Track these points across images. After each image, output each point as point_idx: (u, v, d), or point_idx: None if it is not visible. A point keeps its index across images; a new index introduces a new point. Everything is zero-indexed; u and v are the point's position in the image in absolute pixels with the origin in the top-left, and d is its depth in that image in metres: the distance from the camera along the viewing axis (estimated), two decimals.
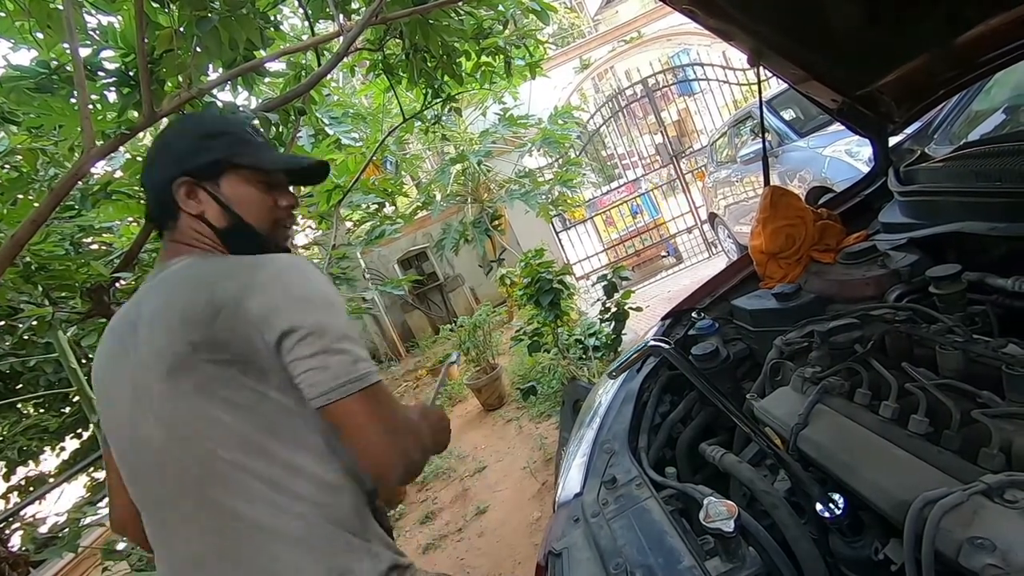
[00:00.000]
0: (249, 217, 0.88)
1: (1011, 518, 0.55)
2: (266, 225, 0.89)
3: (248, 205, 0.88)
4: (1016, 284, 0.93)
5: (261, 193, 0.89)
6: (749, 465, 0.93)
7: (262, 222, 0.89)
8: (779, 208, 1.40)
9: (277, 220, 0.91)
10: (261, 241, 0.89)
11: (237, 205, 0.87)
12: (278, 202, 0.91)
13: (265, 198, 0.89)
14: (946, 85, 1.26)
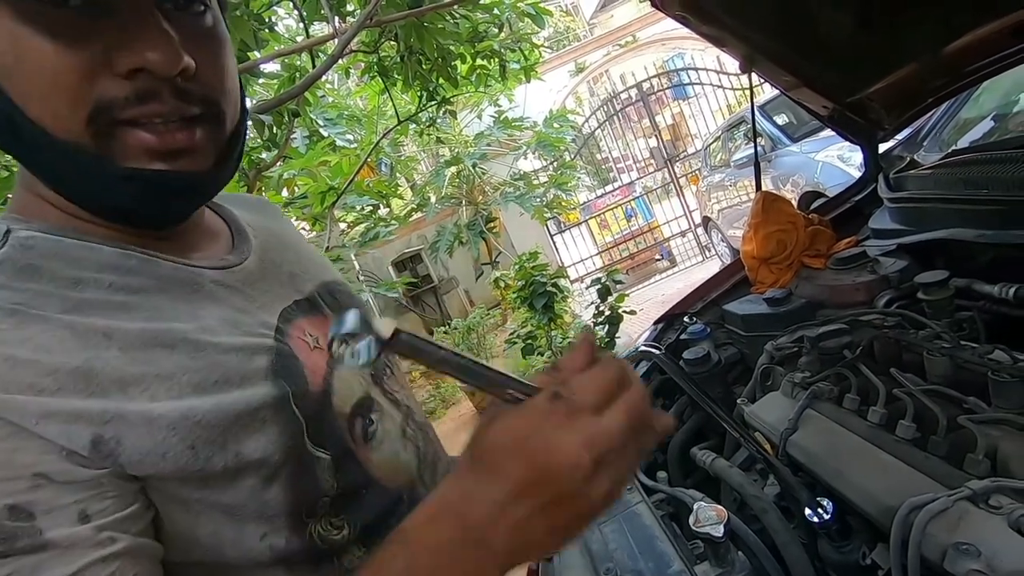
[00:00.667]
0: (30, 101, 0.39)
1: (995, 524, 0.56)
2: (70, 120, 0.39)
3: (18, 73, 0.39)
4: (1003, 291, 0.94)
5: (39, 40, 0.38)
6: (739, 470, 0.94)
7: (60, 115, 0.39)
8: (771, 213, 1.41)
9: (100, 108, 0.40)
10: (71, 162, 0.41)
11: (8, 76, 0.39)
12: (113, 59, 0.39)
13: (58, 53, 0.38)
14: (935, 93, 1.27)
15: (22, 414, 0.35)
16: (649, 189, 8.28)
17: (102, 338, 0.39)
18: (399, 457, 0.57)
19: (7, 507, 0.32)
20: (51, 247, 0.42)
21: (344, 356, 0.32)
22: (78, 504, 0.35)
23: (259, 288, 0.53)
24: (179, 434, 0.39)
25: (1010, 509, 0.56)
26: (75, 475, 0.35)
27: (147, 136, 0.41)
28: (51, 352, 0.37)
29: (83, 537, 0.34)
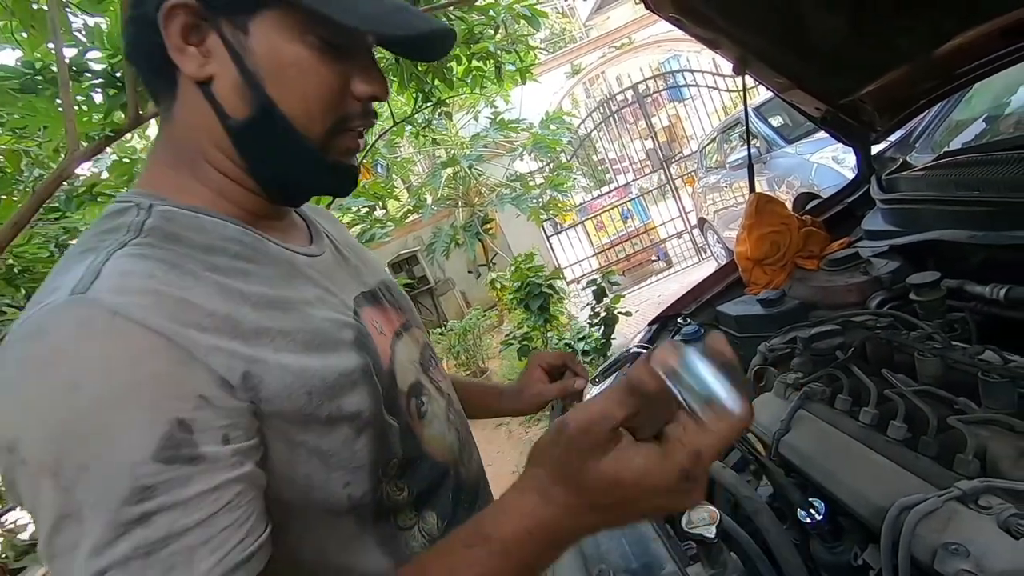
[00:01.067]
0: (290, 105, 0.49)
1: (985, 524, 0.56)
2: (320, 125, 0.51)
3: (292, 80, 0.48)
4: (994, 292, 0.94)
5: (322, 63, 0.49)
6: (732, 471, 0.94)
7: (314, 119, 0.50)
8: (764, 215, 1.41)
9: (343, 118, 0.52)
10: (304, 153, 0.51)
11: (271, 76, 0.48)
12: (352, 85, 0.51)
13: (329, 73, 0.49)
14: (927, 95, 1.28)
15: (194, 345, 0.40)
16: (645, 190, 8.30)
17: (238, 295, 0.46)
18: (445, 437, 0.64)
19: (177, 420, 0.38)
20: (188, 220, 0.49)
21: None
22: (223, 428, 0.40)
23: (335, 277, 0.60)
24: (300, 381, 0.46)
25: (999, 509, 0.56)
26: (226, 402, 0.41)
27: (353, 141, 0.54)
28: (206, 300, 0.43)
29: (224, 456, 0.40)
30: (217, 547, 0.38)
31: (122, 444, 0.37)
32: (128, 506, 0.36)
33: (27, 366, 0.38)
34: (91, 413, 0.36)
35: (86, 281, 0.40)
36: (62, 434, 0.36)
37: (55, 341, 0.38)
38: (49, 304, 0.39)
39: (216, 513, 0.39)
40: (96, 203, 2.39)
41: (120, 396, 0.37)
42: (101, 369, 0.37)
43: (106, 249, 0.43)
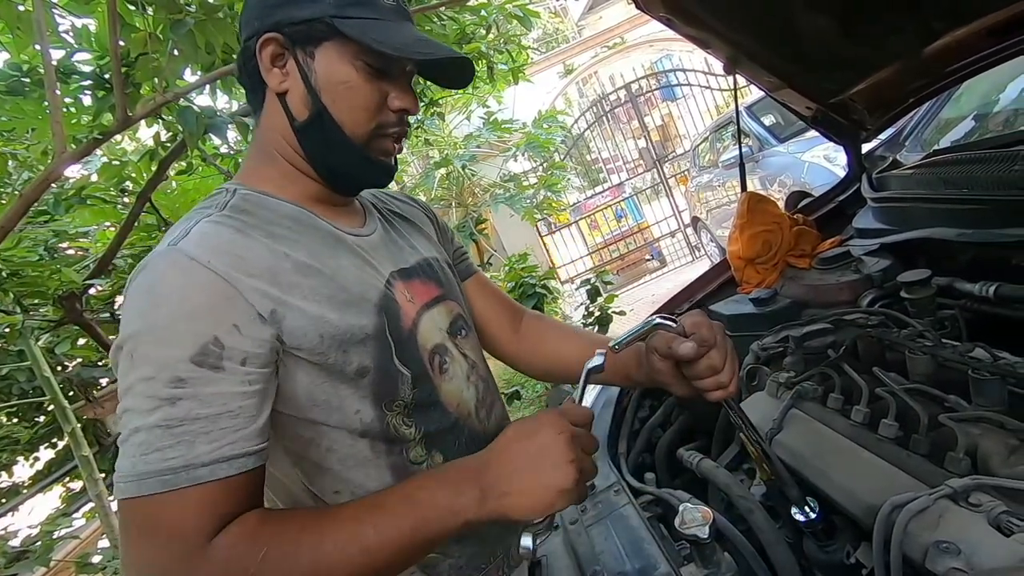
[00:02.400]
0: (340, 112, 0.66)
1: (976, 522, 0.56)
2: (362, 129, 0.67)
3: (343, 95, 0.65)
4: (983, 289, 0.95)
5: (366, 81, 0.66)
6: (726, 470, 0.94)
7: (357, 124, 0.67)
8: (756, 214, 1.41)
9: (381, 124, 0.68)
10: (349, 149, 0.67)
11: (327, 92, 0.65)
12: (389, 100, 0.68)
13: (370, 90, 0.66)
14: (916, 94, 1.29)
15: (241, 284, 0.56)
16: (639, 190, 8.31)
17: (283, 256, 0.62)
18: (462, 393, 0.75)
19: (214, 336, 0.53)
20: (258, 200, 0.67)
21: None
22: (245, 352, 0.55)
23: (378, 254, 0.73)
24: (315, 327, 0.60)
25: (990, 507, 0.56)
26: (253, 333, 0.56)
27: (390, 145, 0.71)
28: (256, 256, 0.59)
29: (239, 372, 0.54)
30: (214, 440, 0.52)
31: (173, 343, 0.52)
32: (166, 387, 0.51)
33: (136, 285, 0.56)
34: (160, 318, 0.53)
35: (178, 237, 0.58)
36: (140, 329, 0.53)
37: (153, 271, 0.56)
38: (156, 251, 0.58)
39: (221, 414, 0.53)
40: (85, 205, 2.37)
41: (180, 308, 0.53)
42: (173, 292, 0.54)
43: (197, 218, 0.61)
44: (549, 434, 0.55)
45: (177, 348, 0.52)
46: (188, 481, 0.50)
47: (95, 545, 3.06)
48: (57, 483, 3.73)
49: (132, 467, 0.51)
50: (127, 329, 0.54)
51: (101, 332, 1.97)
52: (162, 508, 0.50)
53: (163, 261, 0.56)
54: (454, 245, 0.94)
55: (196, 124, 1.54)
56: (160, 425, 0.51)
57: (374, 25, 0.64)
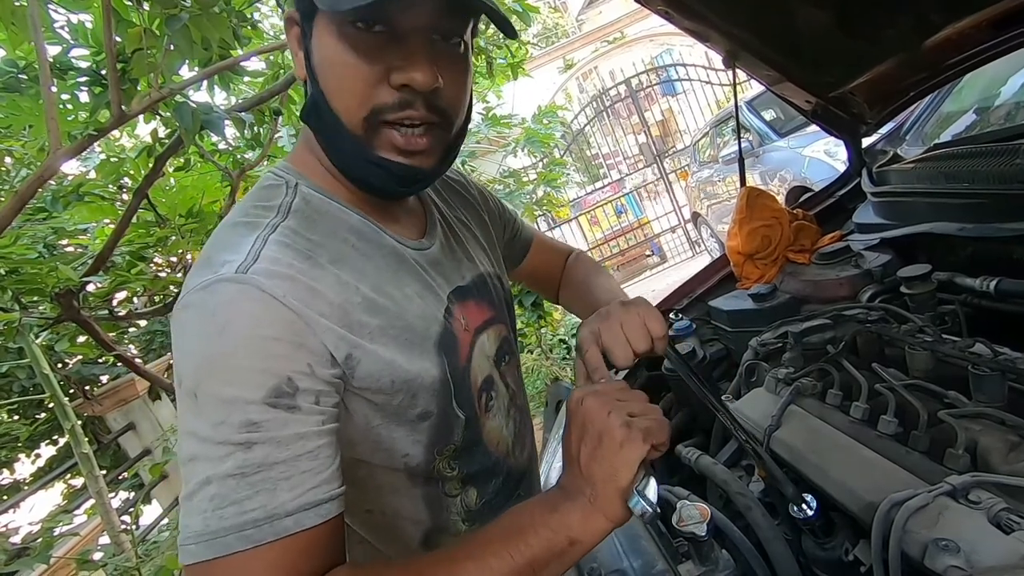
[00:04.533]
0: (333, 96, 0.56)
1: (975, 519, 0.56)
2: (355, 116, 0.55)
3: (334, 75, 0.55)
4: (984, 284, 0.94)
5: (357, 54, 0.53)
6: (724, 467, 0.93)
7: (349, 110, 0.55)
8: (755, 209, 1.40)
9: (377, 108, 0.54)
10: (350, 145, 0.57)
11: (320, 71, 0.56)
12: (388, 76, 0.53)
13: (362, 64, 0.53)
14: (916, 87, 1.28)
15: (315, 327, 0.51)
16: (639, 185, 8.29)
17: (353, 289, 0.56)
18: (502, 431, 0.72)
19: (288, 377, 0.48)
20: (321, 205, 0.60)
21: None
22: (318, 392, 0.50)
23: (437, 270, 0.67)
24: (388, 371, 0.56)
25: (990, 504, 0.56)
26: (324, 374, 0.51)
27: (397, 137, 0.56)
28: (328, 291, 0.53)
29: (314, 412, 0.50)
30: (296, 485, 0.47)
31: (245, 384, 0.47)
32: (239, 432, 0.46)
33: (198, 314, 0.49)
34: (227, 354, 0.47)
35: (248, 263, 0.50)
36: (205, 366, 0.47)
37: (220, 300, 0.48)
38: (222, 274, 0.49)
39: (300, 456, 0.48)
40: (83, 203, 2.36)
41: (251, 345, 0.48)
42: (242, 322, 0.48)
43: (263, 231, 0.54)
44: (598, 418, 0.52)
45: (250, 389, 0.47)
46: (273, 535, 0.45)
47: (95, 542, 3.06)
48: (58, 480, 3.73)
49: (204, 525, 0.45)
50: (188, 361, 0.48)
51: (99, 329, 1.97)
52: (243, 569, 0.45)
53: (233, 289, 0.49)
54: (504, 220, 0.90)
55: (192, 120, 1.53)
56: (235, 474, 0.45)
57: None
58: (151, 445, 3.74)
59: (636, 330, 0.66)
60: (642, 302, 0.72)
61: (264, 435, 0.46)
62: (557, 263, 1.00)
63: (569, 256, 1.02)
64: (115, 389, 3.75)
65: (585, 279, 0.95)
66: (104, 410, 3.74)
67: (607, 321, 0.67)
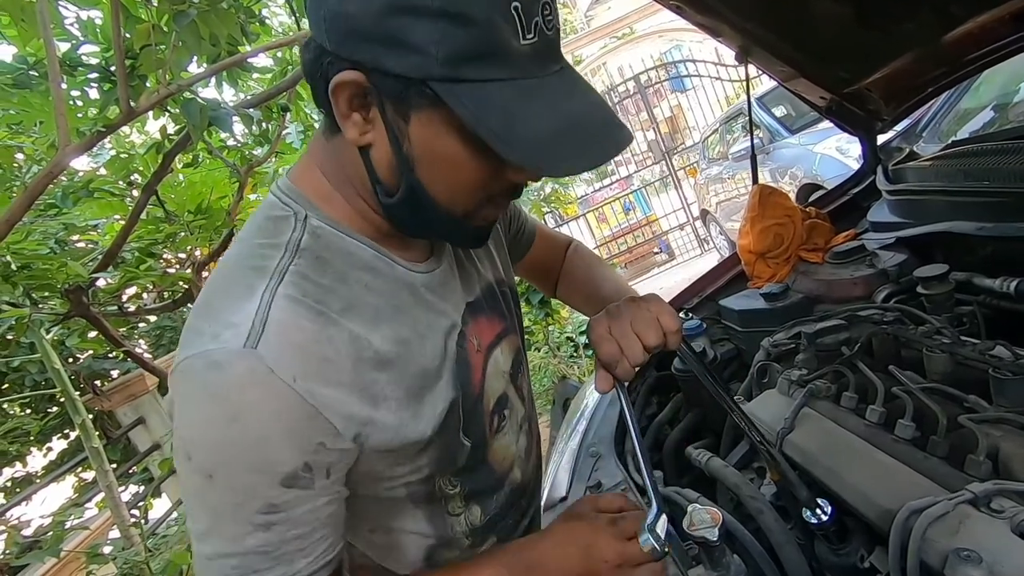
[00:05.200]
0: (438, 189, 0.51)
1: (997, 528, 0.54)
2: (464, 206, 0.54)
3: (444, 172, 0.51)
4: (1004, 284, 0.92)
5: (474, 157, 0.49)
6: (735, 470, 0.92)
7: (456, 202, 0.53)
8: (767, 207, 1.38)
9: (489, 196, 0.54)
10: (443, 221, 0.54)
11: (422, 163, 0.50)
12: (505, 171, 0.51)
13: (482, 164, 0.50)
14: (934, 83, 1.25)
15: (323, 403, 0.49)
16: (647, 182, 8.24)
17: (365, 344, 0.53)
18: (511, 448, 0.71)
19: (304, 463, 0.49)
20: (332, 240, 0.55)
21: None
22: (329, 464, 0.51)
23: (447, 289, 0.64)
24: (397, 435, 0.55)
25: (1012, 513, 0.54)
26: (336, 445, 0.51)
27: (495, 212, 0.58)
28: (339, 355, 0.51)
29: (327, 485, 0.51)
30: (310, 552, 0.51)
31: (261, 472, 0.48)
32: (258, 514, 0.48)
33: (206, 392, 0.47)
34: (243, 444, 0.47)
35: (256, 331, 0.47)
36: (220, 452, 0.47)
37: (228, 380, 0.47)
38: (228, 346, 0.47)
39: (314, 528, 0.51)
40: (93, 199, 2.38)
41: (264, 438, 0.47)
42: (255, 414, 0.47)
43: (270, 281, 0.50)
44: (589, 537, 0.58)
45: (266, 475, 0.48)
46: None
47: (105, 536, 3.09)
48: (69, 473, 3.77)
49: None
50: (198, 442, 0.48)
51: (108, 325, 1.98)
52: None
53: (241, 369, 0.46)
54: (510, 215, 0.88)
55: (200, 117, 1.53)
56: (257, 551, 0.48)
57: (499, 92, 0.45)
58: (160, 440, 3.76)
59: (648, 325, 0.66)
60: (654, 298, 0.71)
61: (282, 515, 0.49)
62: (557, 255, 0.98)
63: (568, 248, 0.99)
64: (125, 384, 3.78)
65: (588, 273, 0.93)
66: (114, 405, 3.78)
67: (619, 318, 0.67)
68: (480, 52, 0.44)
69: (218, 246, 2.30)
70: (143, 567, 2.04)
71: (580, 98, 0.50)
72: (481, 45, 0.44)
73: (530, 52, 0.46)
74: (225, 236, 2.27)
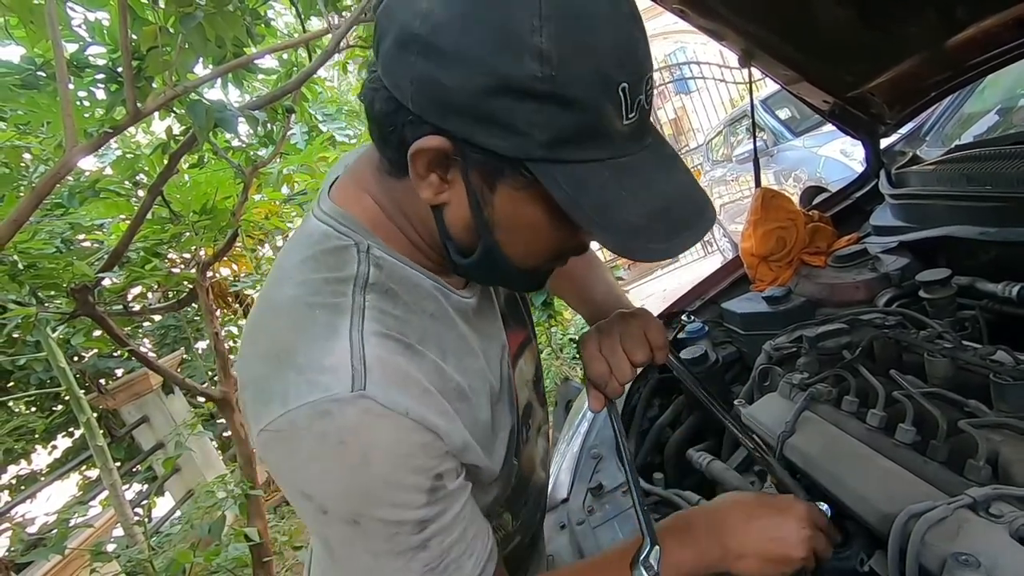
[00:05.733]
0: (514, 251, 0.52)
1: (996, 533, 0.54)
2: (537, 263, 0.55)
3: (523, 237, 0.51)
4: (1006, 289, 0.92)
5: (555, 226, 0.49)
6: (736, 472, 0.92)
7: (529, 261, 0.54)
8: (770, 210, 1.39)
9: (559, 256, 0.56)
10: (509, 278, 0.57)
11: (503, 227, 0.50)
12: (578, 235, 0.53)
13: (558, 234, 0.51)
14: (938, 87, 1.25)
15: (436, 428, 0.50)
16: None
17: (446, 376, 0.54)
18: (534, 452, 0.73)
19: (436, 474, 0.50)
20: (396, 271, 0.54)
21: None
22: (455, 468, 0.53)
23: (489, 312, 0.65)
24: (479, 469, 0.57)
25: (1012, 518, 0.54)
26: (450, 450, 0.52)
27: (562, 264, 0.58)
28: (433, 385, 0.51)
29: (460, 485, 0.53)
30: (473, 552, 0.53)
31: (404, 499, 0.48)
32: (412, 537, 0.49)
33: (324, 444, 0.46)
34: (378, 483, 0.47)
35: (359, 374, 0.47)
36: (359, 498, 0.48)
37: (345, 426, 0.46)
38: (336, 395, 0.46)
39: (466, 528, 0.52)
40: (99, 199, 2.39)
41: (397, 467, 0.48)
42: (381, 451, 0.47)
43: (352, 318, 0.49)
44: (793, 525, 0.60)
45: (412, 500, 0.48)
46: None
47: (109, 534, 3.11)
48: (74, 471, 3.79)
49: None
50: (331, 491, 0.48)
51: (113, 324, 1.99)
52: None
53: (353, 410, 0.46)
54: None
55: (206, 118, 1.54)
56: (425, 572, 0.50)
57: (597, 174, 0.45)
58: (164, 439, 3.78)
59: (636, 342, 0.68)
60: (642, 313, 0.73)
61: (435, 528, 0.50)
62: None
63: None
64: (129, 383, 3.80)
65: (584, 272, 0.93)
66: (118, 403, 3.80)
67: (608, 336, 0.69)
68: (583, 135, 0.44)
69: (223, 246, 2.31)
70: (146, 565, 2.05)
71: (672, 176, 0.50)
72: (585, 129, 0.43)
73: (629, 131, 0.46)
74: (229, 236, 2.28)
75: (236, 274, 3.75)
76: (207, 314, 2.35)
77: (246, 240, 2.64)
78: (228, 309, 3.96)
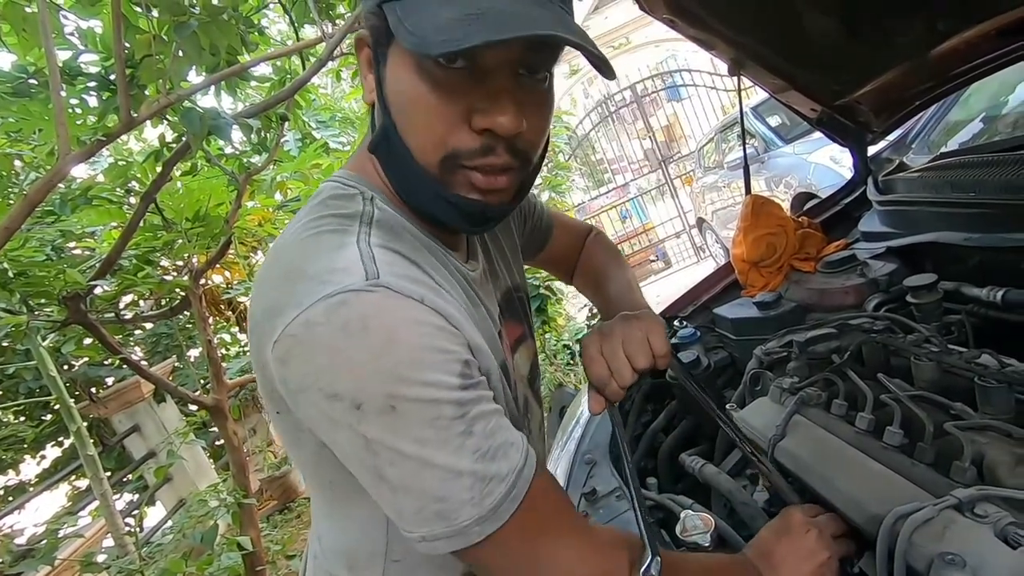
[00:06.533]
0: (408, 132, 0.52)
1: (982, 533, 0.55)
2: (431, 156, 0.51)
3: (409, 111, 0.51)
4: (990, 294, 0.93)
5: (435, 92, 0.49)
6: (728, 476, 0.93)
7: (424, 150, 0.51)
8: (760, 217, 1.40)
9: (456, 152, 0.51)
10: (422, 182, 0.53)
11: (394, 104, 0.52)
12: (470, 117, 0.50)
13: (441, 104, 0.49)
14: (923, 96, 1.27)
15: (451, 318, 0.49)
16: (644, 190, 8.29)
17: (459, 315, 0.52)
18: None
19: (463, 360, 0.48)
20: (398, 220, 0.55)
21: None
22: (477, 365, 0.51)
23: (487, 290, 0.65)
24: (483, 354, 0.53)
25: (996, 518, 0.55)
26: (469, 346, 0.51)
27: (478, 178, 0.53)
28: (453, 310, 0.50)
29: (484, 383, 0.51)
30: (512, 443, 0.50)
31: (436, 378, 0.46)
32: (455, 421, 0.46)
33: (345, 332, 0.44)
34: (408, 359, 0.45)
35: (371, 270, 0.47)
36: (390, 379, 0.44)
37: (365, 310, 0.45)
38: (350, 285, 0.45)
39: (501, 420, 0.50)
40: (91, 206, 2.38)
41: (424, 346, 0.46)
42: (406, 328, 0.46)
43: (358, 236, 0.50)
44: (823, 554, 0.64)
45: (443, 385, 0.46)
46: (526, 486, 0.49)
47: (99, 544, 3.07)
48: (64, 481, 3.75)
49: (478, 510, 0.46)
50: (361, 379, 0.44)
51: (105, 332, 1.98)
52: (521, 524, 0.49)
53: (372, 298, 0.45)
54: (524, 211, 0.86)
55: (200, 125, 1.54)
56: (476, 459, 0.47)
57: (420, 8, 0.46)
58: (156, 447, 3.75)
59: (638, 347, 0.67)
60: (647, 316, 0.72)
61: (475, 413, 0.48)
62: (575, 245, 0.98)
63: (588, 236, 0.99)
64: (120, 391, 3.77)
65: (602, 268, 0.93)
66: (109, 412, 3.76)
67: (609, 338, 0.68)
68: None
69: (215, 253, 2.31)
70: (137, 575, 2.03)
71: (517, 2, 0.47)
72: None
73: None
74: (223, 243, 2.27)
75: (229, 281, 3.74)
76: (200, 321, 2.34)
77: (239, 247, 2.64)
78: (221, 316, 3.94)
